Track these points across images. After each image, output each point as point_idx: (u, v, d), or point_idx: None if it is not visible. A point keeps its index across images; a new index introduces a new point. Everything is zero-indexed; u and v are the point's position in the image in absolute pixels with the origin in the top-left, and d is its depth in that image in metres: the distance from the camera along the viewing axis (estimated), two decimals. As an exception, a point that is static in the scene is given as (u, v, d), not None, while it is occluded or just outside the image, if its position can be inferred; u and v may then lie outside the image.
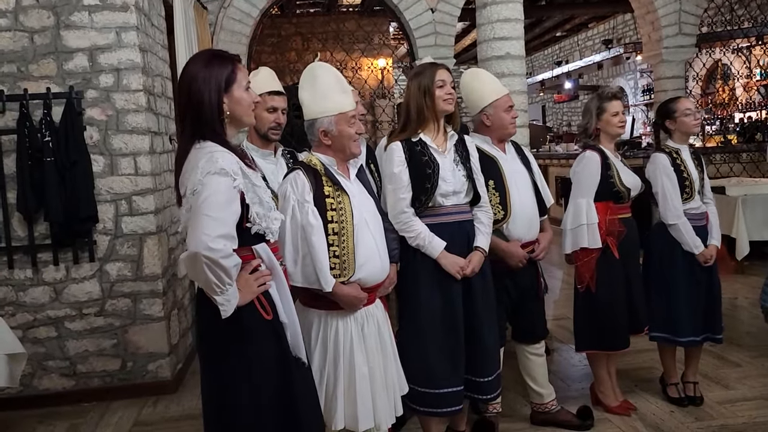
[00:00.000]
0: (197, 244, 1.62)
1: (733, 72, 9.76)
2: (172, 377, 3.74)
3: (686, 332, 3.13)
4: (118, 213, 3.65)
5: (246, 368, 1.79)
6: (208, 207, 1.64)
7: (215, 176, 1.67)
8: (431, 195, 2.51)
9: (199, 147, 1.75)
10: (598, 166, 3.00)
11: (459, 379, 2.54)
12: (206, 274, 1.64)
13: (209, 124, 1.77)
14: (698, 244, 3.09)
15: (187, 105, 1.78)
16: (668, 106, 3.22)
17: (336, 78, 2.22)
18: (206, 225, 1.63)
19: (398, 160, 2.52)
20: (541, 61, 16.62)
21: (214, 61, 1.80)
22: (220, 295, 1.68)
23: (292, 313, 1.89)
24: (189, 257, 1.64)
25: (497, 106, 2.85)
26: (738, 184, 6.08)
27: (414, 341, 2.52)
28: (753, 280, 5.32)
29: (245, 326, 1.78)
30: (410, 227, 2.50)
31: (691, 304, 3.12)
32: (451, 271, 2.50)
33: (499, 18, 4.31)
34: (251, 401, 1.79)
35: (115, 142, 3.63)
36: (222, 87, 1.78)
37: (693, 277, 3.12)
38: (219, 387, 1.82)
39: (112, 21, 3.58)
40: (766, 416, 3.04)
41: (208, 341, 1.84)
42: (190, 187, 1.68)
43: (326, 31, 9.50)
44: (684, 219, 3.09)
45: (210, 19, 5.55)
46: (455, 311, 2.52)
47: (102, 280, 3.66)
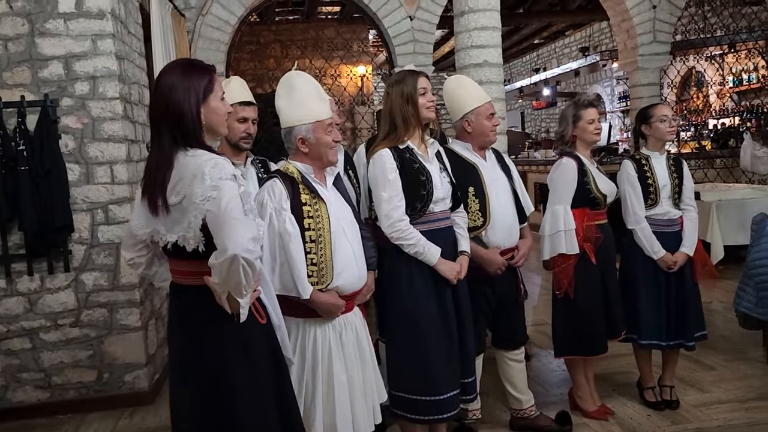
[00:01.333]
0: (236, 246, 1.60)
1: (706, 79, 9.94)
2: (149, 388, 3.70)
3: (648, 335, 3.17)
4: (95, 222, 3.61)
5: (248, 375, 1.79)
6: (233, 211, 1.65)
7: (228, 182, 1.68)
8: (428, 202, 2.51)
9: (192, 154, 1.73)
10: (574, 172, 3.03)
11: (456, 383, 2.56)
12: (241, 276, 1.63)
13: (192, 133, 1.76)
14: (657, 250, 3.12)
15: (165, 114, 1.77)
16: (646, 112, 3.28)
17: (313, 86, 2.23)
18: (239, 228, 1.64)
19: (391, 167, 2.49)
20: (519, 68, 16.78)
21: (192, 71, 1.80)
22: (244, 297, 1.69)
23: (280, 316, 1.94)
24: (227, 260, 1.61)
25: (479, 113, 2.87)
26: (712, 190, 6.19)
27: (411, 349, 2.49)
28: (727, 284, 5.40)
29: (244, 331, 1.78)
30: (408, 235, 2.47)
31: (655, 309, 3.16)
32: (449, 276, 2.49)
33: (477, 26, 4.35)
34: (257, 404, 1.80)
35: (91, 150, 3.59)
36: (200, 97, 1.78)
37: (657, 282, 3.16)
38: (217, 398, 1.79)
39: (88, 28, 3.54)
40: (741, 419, 3.09)
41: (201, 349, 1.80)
42: (200, 194, 1.66)
43: (305, 38, 9.51)
44: (644, 225, 3.13)
45: (188, 26, 5.53)
46: (450, 316, 2.54)
47: (77, 290, 3.61)
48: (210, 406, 1.80)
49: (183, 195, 1.71)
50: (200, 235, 1.70)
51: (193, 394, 1.83)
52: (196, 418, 1.82)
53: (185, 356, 1.85)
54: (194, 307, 1.80)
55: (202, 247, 1.71)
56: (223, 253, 1.61)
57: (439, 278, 2.50)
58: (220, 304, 1.71)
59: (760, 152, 6.96)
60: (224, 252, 1.61)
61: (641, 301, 3.17)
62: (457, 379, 2.57)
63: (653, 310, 3.16)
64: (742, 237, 5.32)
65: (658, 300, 3.17)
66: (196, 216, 1.68)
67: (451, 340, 2.54)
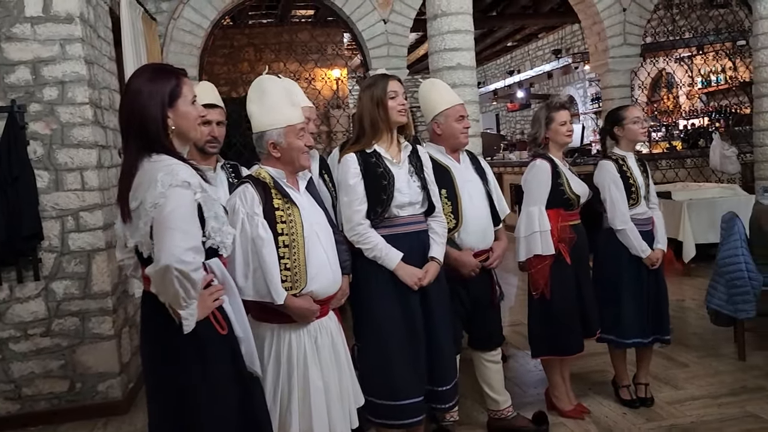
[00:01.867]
0: (168, 257, 1.59)
1: (676, 81, 10.12)
2: (123, 397, 3.64)
3: (633, 334, 3.21)
4: (65, 229, 3.54)
5: (204, 385, 1.76)
6: (175, 219, 1.62)
7: (178, 189, 1.65)
8: (387, 206, 2.51)
9: (154, 160, 1.72)
10: (548, 174, 3.06)
11: (420, 389, 2.54)
12: (175, 287, 1.61)
13: (156, 139, 1.74)
14: (645, 248, 3.17)
15: (131, 120, 1.76)
16: (617, 114, 3.31)
17: (284, 91, 2.22)
18: (176, 238, 1.61)
19: (353, 172, 2.51)
20: (493, 71, 16.91)
21: (158, 76, 1.78)
22: (185, 308, 1.66)
23: (246, 327, 1.90)
24: (159, 270, 1.60)
25: (448, 116, 2.88)
26: (683, 189, 6.29)
27: (376, 353, 2.51)
28: (699, 282, 5.50)
29: (201, 342, 1.75)
30: (366, 239, 2.49)
31: (639, 307, 3.21)
32: (408, 282, 2.49)
33: (450, 29, 4.37)
34: (212, 419, 1.76)
35: (60, 156, 3.53)
36: (166, 102, 1.76)
37: (640, 280, 3.21)
38: (175, 406, 1.77)
39: (56, 33, 3.49)
40: (713, 414, 3.14)
41: (164, 358, 1.79)
42: (149, 200, 1.65)
43: (279, 41, 9.46)
44: (631, 224, 3.17)
45: (159, 30, 5.47)
46: (414, 322, 2.52)
47: (48, 299, 3.54)
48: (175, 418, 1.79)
49: (139, 201, 1.70)
50: (150, 242, 1.69)
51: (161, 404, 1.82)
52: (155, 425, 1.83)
53: (151, 366, 1.86)
54: (155, 315, 1.77)
55: (152, 253, 1.69)
56: (156, 263, 1.60)
57: (402, 283, 2.50)
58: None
59: (729, 152, 7.11)
60: (158, 261, 1.60)
61: (627, 301, 3.20)
62: (422, 386, 2.55)
63: (638, 309, 3.21)
64: (712, 235, 5.41)
65: (645, 299, 3.22)
66: (146, 222, 1.67)
67: (417, 347, 2.52)
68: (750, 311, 3.69)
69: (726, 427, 3.00)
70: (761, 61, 5.55)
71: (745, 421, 3.05)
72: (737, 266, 3.71)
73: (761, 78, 5.58)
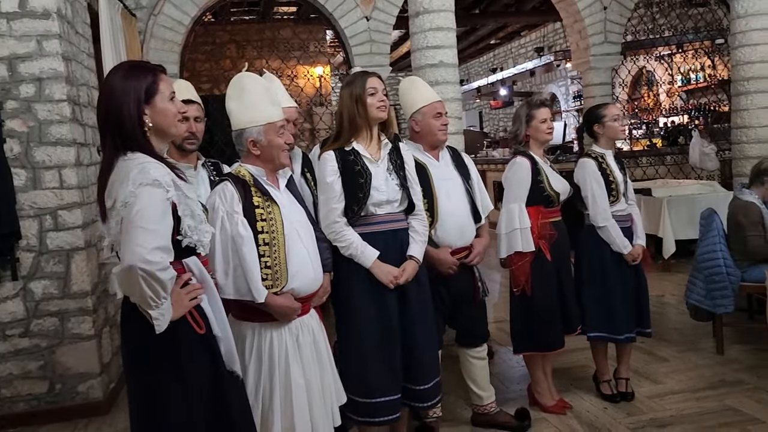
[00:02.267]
0: (132, 256, 1.57)
1: (656, 78, 10.22)
2: (104, 398, 3.60)
3: (623, 329, 3.24)
4: (43, 228, 3.49)
5: (180, 385, 1.74)
6: (142, 219, 1.60)
7: (148, 187, 1.63)
8: (363, 204, 2.50)
9: (128, 158, 1.70)
10: (528, 171, 3.07)
11: (396, 388, 2.54)
12: (142, 287, 1.59)
13: (131, 136, 1.73)
14: (626, 244, 3.20)
15: (107, 118, 1.74)
16: (597, 112, 3.33)
17: (264, 88, 2.20)
18: (142, 237, 1.59)
19: (330, 170, 2.51)
20: (476, 68, 16.96)
21: (134, 73, 1.76)
22: (155, 309, 1.64)
23: (225, 326, 1.87)
24: (124, 270, 1.59)
25: (425, 113, 2.88)
26: (663, 186, 6.36)
27: (351, 351, 2.52)
28: (679, 277, 5.56)
29: (178, 342, 1.73)
30: (342, 237, 2.48)
31: (624, 302, 3.24)
32: (383, 280, 2.49)
33: (432, 27, 4.37)
34: (187, 418, 1.74)
35: (38, 154, 3.48)
36: (142, 99, 1.74)
37: (623, 276, 3.24)
38: (151, 405, 1.76)
39: (33, 29, 3.43)
40: (693, 408, 3.18)
41: (139, 359, 1.78)
42: (120, 199, 1.63)
43: (262, 38, 9.41)
44: (613, 221, 3.20)
45: (139, 26, 5.41)
46: (390, 320, 2.52)
47: (26, 299, 3.49)
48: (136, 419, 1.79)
49: (113, 199, 1.68)
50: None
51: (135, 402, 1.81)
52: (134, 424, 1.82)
53: (127, 365, 1.84)
54: (130, 314, 1.76)
55: None
56: (121, 263, 1.60)
57: (378, 282, 2.50)
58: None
59: (708, 149, 7.19)
60: (122, 262, 1.59)
61: (615, 298, 3.22)
62: (397, 384, 2.54)
63: (624, 305, 3.24)
64: (692, 231, 5.46)
65: (628, 294, 3.26)
66: (117, 222, 1.66)
67: (392, 345, 2.52)
68: (728, 306, 3.75)
69: (705, 421, 3.04)
70: (739, 59, 5.62)
71: (724, 414, 3.09)
72: (716, 262, 3.76)
73: (739, 76, 5.66)
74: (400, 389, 2.55)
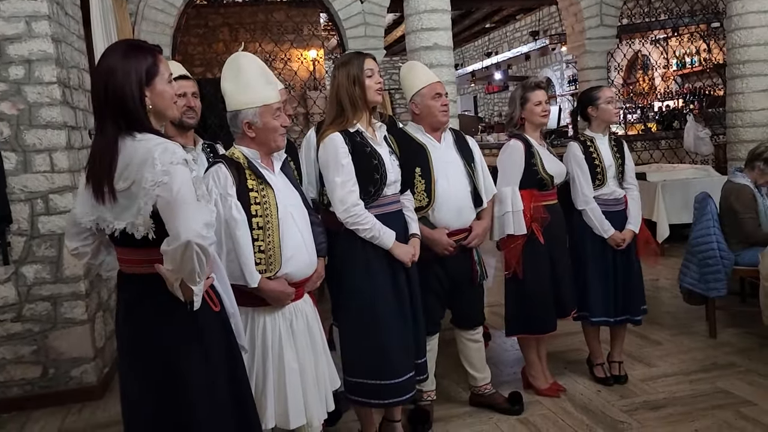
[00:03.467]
0: (188, 232, 1.55)
1: (652, 62, 10.18)
2: (97, 382, 3.59)
3: (598, 313, 3.25)
4: (34, 212, 3.46)
5: (200, 364, 1.75)
6: (185, 196, 1.60)
7: (179, 166, 1.62)
8: (382, 186, 2.49)
9: (142, 139, 1.67)
10: (521, 154, 3.06)
11: (412, 365, 2.58)
12: (194, 263, 1.58)
13: (136, 117, 1.69)
14: (606, 228, 3.18)
15: (106, 99, 1.70)
16: (591, 94, 3.31)
17: (260, 69, 2.16)
18: (192, 213, 1.59)
19: (343, 152, 2.45)
20: (471, 53, 16.87)
21: (133, 53, 1.72)
22: (198, 284, 1.64)
23: (234, 303, 1.90)
24: (180, 246, 1.56)
25: (424, 95, 2.87)
26: (658, 170, 6.35)
27: (369, 334, 2.49)
28: (672, 261, 5.58)
29: (198, 321, 1.73)
30: (364, 219, 2.44)
31: (604, 286, 3.23)
32: (404, 259, 2.50)
33: (426, 9, 4.33)
34: (211, 395, 1.76)
35: (28, 137, 3.43)
36: (143, 80, 1.71)
37: (605, 260, 3.23)
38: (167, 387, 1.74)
39: (21, 10, 3.37)
40: (685, 390, 3.20)
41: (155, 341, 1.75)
42: (150, 179, 1.60)
43: (255, 21, 9.31)
44: (593, 205, 3.19)
45: (130, 8, 5.33)
46: (404, 299, 2.54)
47: (18, 284, 3.47)
48: (164, 398, 1.75)
49: (132, 180, 1.65)
50: (150, 221, 1.64)
51: (146, 385, 1.77)
52: (148, 411, 1.76)
53: (137, 348, 1.79)
54: (144, 297, 1.74)
55: (152, 234, 1.65)
56: (176, 239, 1.56)
57: (393, 261, 2.50)
58: (172, 291, 1.66)
59: (702, 133, 7.19)
60: (177, 238, 1.56)
61: (591, 280, 3.24)
62: (413, 361, 2.58)
63: (603, 288, 3.24)
64: (686, 216, 5.47)
65: (607, 278, 3.24)
66: (146, 202, 1.62)
67: (406, 323, 2.54)
68: (721, 290, 3.76)
69: (697, 403, 3.06)
70: (734, 43, 5.59)
71: (716, 396, 3.11)
72: (709, 245, 3.77)
73: (734, 60, 5.64)
74: (414, 366, 2.59)
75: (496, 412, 3.09)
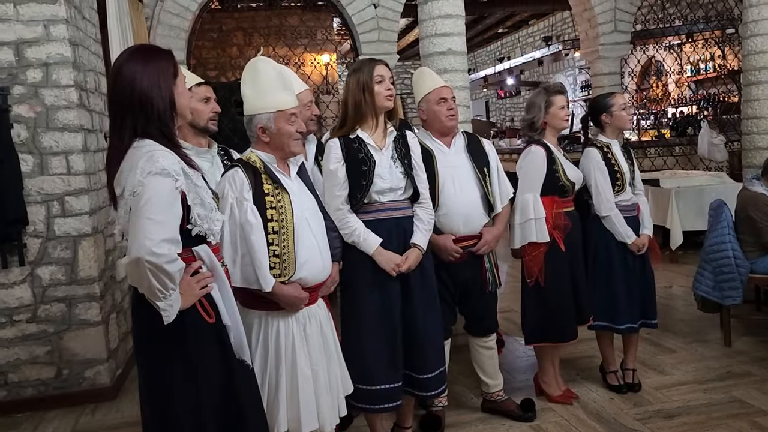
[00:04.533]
0: (139, 248, 1.55)
1: (665, 68, 10.13)
2: (111, 383, 3.61)
3: (624, 320, 3.23)
4: (50, 214, 3.50)
5: (189, 372, 1.73)
6: (150, 210, 1.58)
7: (156, 177, 1.60)
8: (366, 192, 2.49)
9: (138, 146, 1.67)
10: (543, 160, 3.04)
11: (396, 376, 2.54)
12: (149, 279, 1.57)
13: (161, 121, 1.70)
14: (630, 234, 3.18)
15: (131, 105, 1.69)
16: (604, 101, 3.29)
17: (277, 74, 2.16)
18: (149, 229, 1.57)
19: (335, 158, 2.51)
20: (484, 58, 16.85)
21: (154, 58, 1.73)
22: (163, 300, 1.62)
23: (235, 315, 1.85)
24: (131, 262, 1.57)
25: (429, 100, 2.88)
26: (671, 177, 6.31)
27: (353, 339, 2.51)
28: (686, 268, 5.54)
29: (187, 330, 1.72)
30: (345, 224, 2.48)
31: (628, 292, 3.22)
32: (386, 268, 2.49)
33: (441, 14, 4.32)
34: (194, 406, 1.74)
35: (45, 140, 3.47)
36: (171, 83, 1.72)
37: (627, 266, 3.22)
38: (160, 392, 1.75)
39: (40, 13, 3.41)
40: (699, 399, 3.17)
41: (149, 346, 1.77)
42: (128, 188, 1.61)
43: (269, 26, 9.36)
44: (616, 211, 3.18)
45: (146, 12, 5.38)
46: (393, 308, 2.52)
47: (34, 285, 3.50)
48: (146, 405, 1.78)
49: (122, 187, 1.66)
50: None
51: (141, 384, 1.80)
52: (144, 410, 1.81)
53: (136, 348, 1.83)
54: (137, 304, 1.75)
55: None
56: (128, 254, 1.57)
57: (380, 270, 2.49)
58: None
59: (717, 140, 7.13)
60: (129, 253, 1.57)
61: (619, 287, 3.21)
62: (397, 373, 2.53)
63: (627, 295, 3.22)
64: (700, 223, 5.44)
65: (633, 284, 3.24)
66: (126, 211, 1.65)
67: (393, 333, 2.51)
68: (736, 298, 3.73)
69: (712, 412, 3.03)
70: (750, 49, 5.55)
71: (731, 406, 3.08)
72: (724, 253, 3.73)
73: (750, 66, 5.59)
74: (400, 377, 2.55)
75: (508, 419, 3.07)
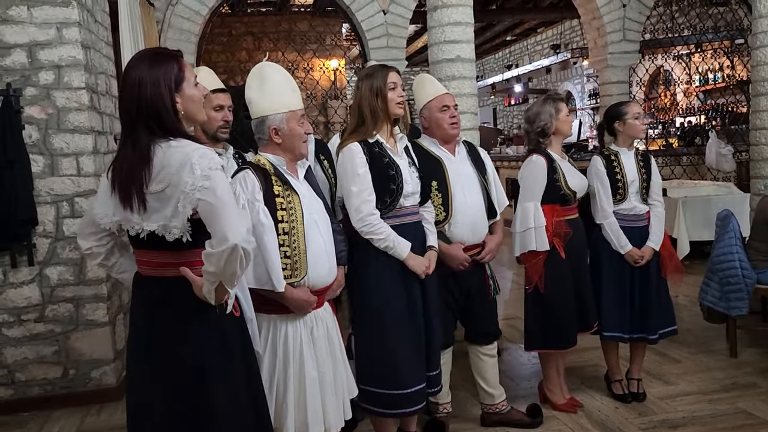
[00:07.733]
0: (236, 235, 1.58)
1: (674, 78, 10.11)
2: (117, 384, 3.63)
3: (610, 326, 3.22)
4: (60, 215, 3.52)
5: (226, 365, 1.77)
6: (230, 201, 1.65)
7: (218, 172, 1.66)
8: (398, 196, 2.50)
9: (178, 145, 1.69)
10: (544, 170, 3.05)
11: (423, 376, 2.57)
12: (237, 265, 1.61)
13: (172, 125, 1.72)
14: (624, 244, 3.17)
15: (138, 111, 1.71)
16: (618, 109, 3.30)
17: (285, 77, 2.22)
18: (237, 218, 1.63)
19: (360, 162, 2.47)
20: (492, 65, 16.87)
21: (159, 62, 1.74)
22: (234, 287, 1.68)
23: (251, 309, 1.93)
24: (226, 249, 1.58)
25: (431, 108, 2.88)
26: (679, 187, 6.30)
27: (379, 343, 2.49)
28: (693, 278, 5.51)
29: (221, 324, 1.76)
30: (379, 229, 2.46)
31: (619, 302, 3.21)
32: (418, 271, 2.50)
33: (450, 21, 4.35)
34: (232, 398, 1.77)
35: (56, 141, 3.50)
36: (173, 87, 1.73)
37: (621, 276, 3.21)
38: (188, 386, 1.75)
39: (53, 16, 3.45)
40: (705, 410, 3.16)
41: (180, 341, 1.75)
42: (189, 183, 1.62)
43: (278, 30, 9.41)
44: (611, 219, 3.18)
45: (157, 16, 5.42)
46: (417, 310, 2.54)
47: (42, 285, 3.53)
48: (184, 400, 1.75)
49: (167, 183, 1.66)
50: (188, 224, 1.67)
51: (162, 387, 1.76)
52: (161, 413, 1.76)
53: (157, 350, 1.79)
54: (167, 299, 1.75)
55: (188, 237, 1.67)
56: (222, 243, 1.58)
57: (407, 273, 2.50)
58: (199, 295, 1.67)
59: (725, 150, 7.11)
60: (224, 241, 1.58)
61: (605, 292, 3.22)
62: (424, 373, 2.57)
63: (616, 303, 3.22)
64: (707, 233, 5.42)
65: (623, 294, 3.22)
66: (185, 206, 1.64)
67: (418, 334, 2.54)
68: (743, 308, 3.71)
69: (717, 423, 3.02)
70: (759, 60, 5.54)
71: (737, 417, 3.07)
72: (731, 264, 3.73)
73: (759, 77, 5.57)
74: (425, 378, 2.58)
75: (517, 428, 3.05)
